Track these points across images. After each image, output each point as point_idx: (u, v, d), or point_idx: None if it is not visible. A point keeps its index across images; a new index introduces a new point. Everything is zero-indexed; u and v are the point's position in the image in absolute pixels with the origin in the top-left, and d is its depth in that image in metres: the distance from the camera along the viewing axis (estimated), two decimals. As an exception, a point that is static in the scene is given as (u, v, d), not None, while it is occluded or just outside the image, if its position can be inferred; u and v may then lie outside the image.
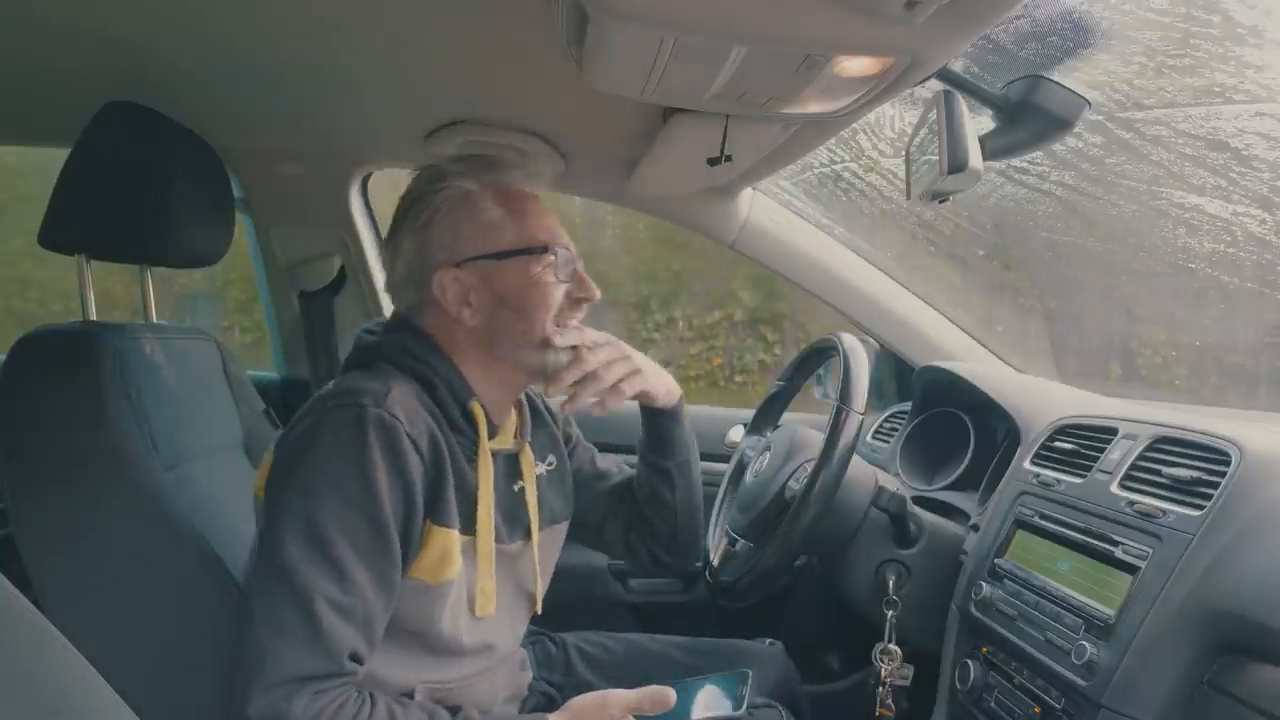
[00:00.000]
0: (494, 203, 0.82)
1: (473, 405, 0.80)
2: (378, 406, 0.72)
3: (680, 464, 0.98)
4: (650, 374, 0.92)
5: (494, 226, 0.82)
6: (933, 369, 1.36)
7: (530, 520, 0.87)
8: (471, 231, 0.81)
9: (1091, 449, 0.92)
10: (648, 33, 0.64)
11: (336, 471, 0.70)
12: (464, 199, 0.82)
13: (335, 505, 0.69)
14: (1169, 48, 0.96)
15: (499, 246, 0.81)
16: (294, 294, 1.58)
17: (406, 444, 0.72)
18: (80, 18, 0.87)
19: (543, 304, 0.81)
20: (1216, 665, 0.67)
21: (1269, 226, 1.14)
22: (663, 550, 1.02)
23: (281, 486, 0.72)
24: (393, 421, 0.72)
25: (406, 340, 0.81)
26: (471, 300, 0.81)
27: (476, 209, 0.82)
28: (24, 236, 2.39)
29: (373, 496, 0.70)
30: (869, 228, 1.55)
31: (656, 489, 0.98)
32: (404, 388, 0.76)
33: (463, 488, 0.78)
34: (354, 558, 0.69)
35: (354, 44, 0.92)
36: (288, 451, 0.73)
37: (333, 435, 0.71)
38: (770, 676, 1.06)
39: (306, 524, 0.69)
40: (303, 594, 0.67)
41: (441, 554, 0.76)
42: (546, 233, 0.83)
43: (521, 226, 0.82)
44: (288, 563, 0.68)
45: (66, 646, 0.40)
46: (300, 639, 0.67)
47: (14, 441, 0.84)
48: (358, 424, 0.71)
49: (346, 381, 0.76)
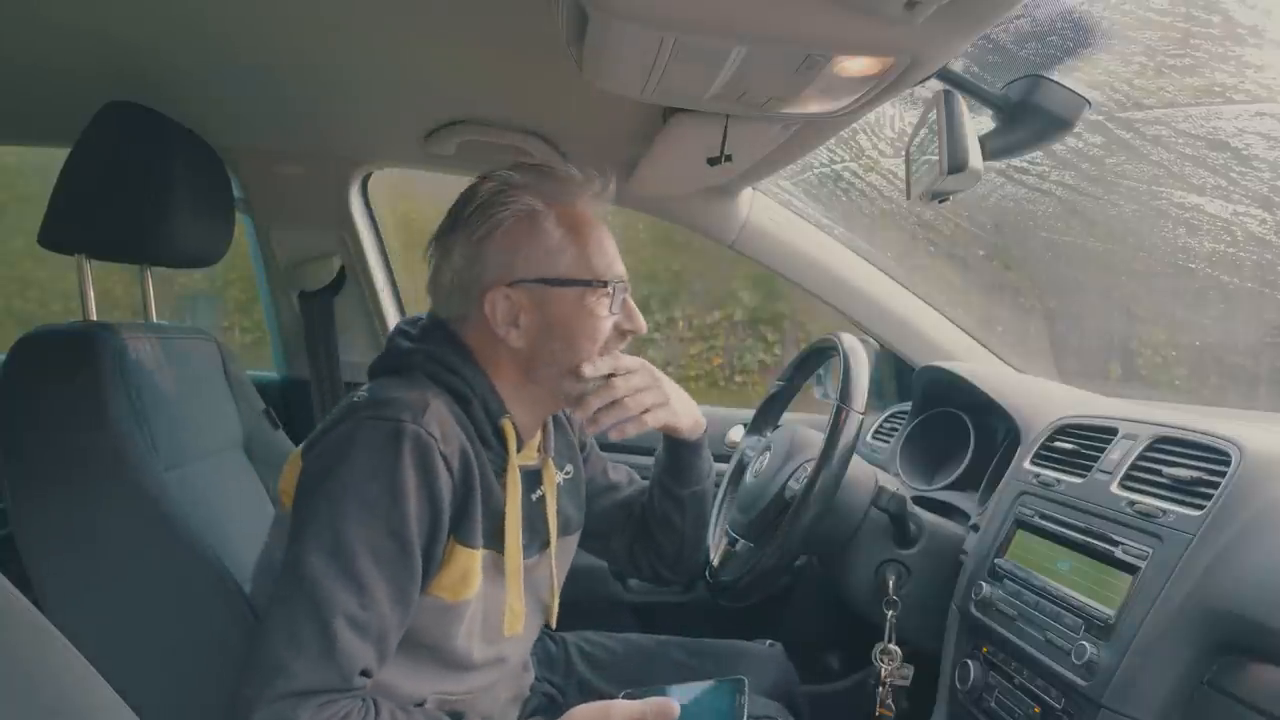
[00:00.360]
0: (556, 224, 0.79)
1: (504, 423, 0.79)
2: (415, 423, 0.70)
3: (695, 493, 0.98)
4: (678, 407, 0.90)
5: (554, 251, 0.79)
6: (933, 369, 1.36)
7: (549, 531, 0.86)
8: (531, 253, 0.78)
9: (1091, 449, 0.92)
10: (648, 32, 0.64)
11: (367, 486, 0.69)
12: (528, 217, 0.79)
13: (363, 520, 0.68)
14: (1169, 48, 0.96)
15: (556, 273, 0.78)
16: (294, 294, 1.58)
17: (439, 463, 0.71)
18: (80, 18, 0.87)
19: (591, 335, 0.79)
20: (1216, 665, 0.67)
21: (1269, 226, 1.14)
22: (666, 568, 1.02)
23: (309, 494, 0.71)
24: (428, 439, 0.70)
25: (445, 353, 0.79)
26: (520, 322, 0.79)
27: (539, 229, 0.79)
28: (24, 236, 2.39)
29: (401, 514, 0.69)
30: (869, 228, 1.55)
31: (668, 513, 0.98)
32: (440, 402, 0.74)
33: (490, 504, 0.77)
34: (376, 574, 0.68)
35: (354, 44, 0.92)
36: (318, 460, 0.72)
37: (366, 449, 0.69)
38: (770, 677, 1.06)
39: (332, 537, 0.68)
40: (322, 608, 0.66)
41: (463, 573, 0.75)
42: (605, 263, 0.80)
43: (582, 254, 0.79)
44: (309, 574, 0.67)
45: (66, 646, 0.40)
46: (314, 653, 0.66)
47: (14, 441, 0.84)
48: (394, 440, 0.69)
49: (382, 391, 0.74)
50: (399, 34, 0.88)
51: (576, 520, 0.95)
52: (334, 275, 1.56)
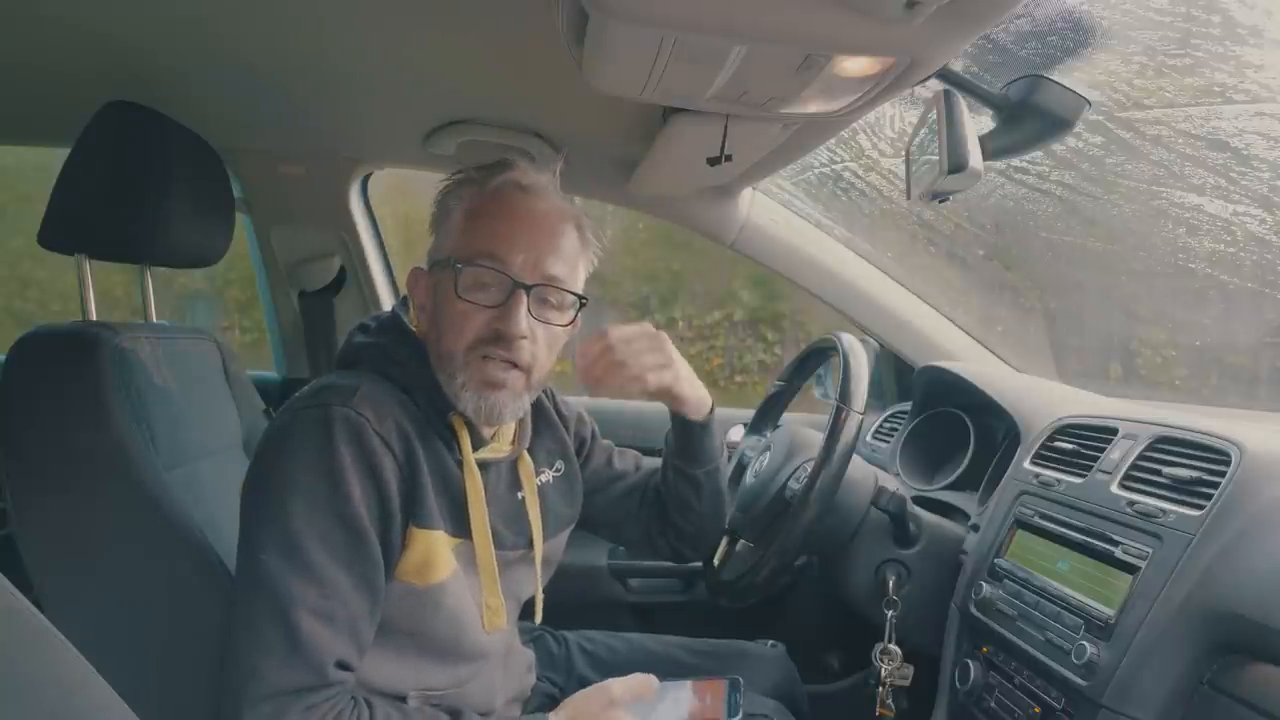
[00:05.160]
0: (462, 206, 0.78)
1: (452, 418, 0.78)
2: (344, 405, 0.70)
3: (709, 471, 0.98)
4: (682, 371, 0.90)
5: (450, 232, 0.78)
6: (933, 369, 1.36)
7: (532, 530, 0.86)
8: (440, 237, 0.80)
9: (1091, 449, 0.92)
10: (647, 32, 0.64)
11: (305, 474, 0.68)
12: (452, 203, 0.79)
13: (307, 509, 0.68)
14: (1169, 48, 0.96)
15: (438, 254, 0.78)
16: (294, 294, 1.58)
17: (375, 442, 0.70)
18: (80, 18, 0.87)
19: (453, 323, 0.75)
20: (1216, 665, 0.67)
21: (1269, 226, 1.14)
22: (687, 547, 1.03)
23: (252, 491, 0.71)
24: (359, 419, 0.70)
25: (392, 345, 0.79)
26: (426, 305, 0.79)
27: (449, 213, 0.79)
28: (24, 236, 2.39)
29: (344, 497, 0.68)
30: (869, 228, 1.55)
31: (684, 495, 0.98)
32: (378, 386, 0.74)
33: (449, 492, 0.77)
34: (330, 562, 0.68)
35: (354, 44, 0.92)
36: (259, 458, 0.73)
37: (300, 438, 0.70)
38: (771, 678, 1.06)
39: (280, 532, 0.68)
40: (280, 604, 0.66)
41: (425, 557, 0.74)
42: (479, 244, 0.75)
43: (465, 235, 0.76)
44: (264, 573, 0.67)
45: (67, 647, 0.40)
46: (280, 651, 0.66)
47: (14, 441, 0.84)
48: (324, 425, 0.69)
49: (320, 381, 0.76)
50: (399, 34, 0.88)
51: (568, 517, 0.95)
52: (334, 275, 1.57)
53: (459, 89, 1.07)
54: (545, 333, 0.77)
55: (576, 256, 0.80)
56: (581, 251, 0.81)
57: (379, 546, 0.71)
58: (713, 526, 1.02)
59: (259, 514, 0.70)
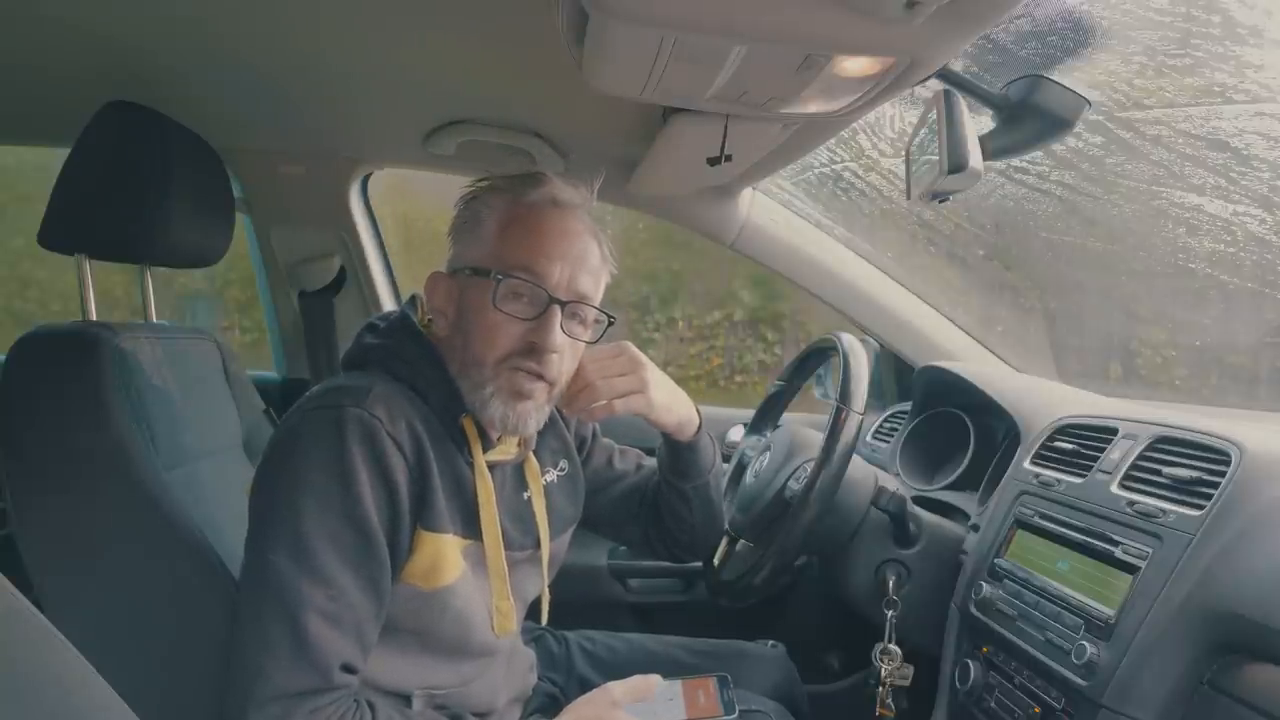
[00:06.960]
0: (495, 215, 0.78)
1: (463, 420, 0.78)
2: (357, 406, 0.70)
3: (698, 487, 0.97)
4: (655, 397, 0.87)
5: (482, 240, 0.77)
6: (933, 369, 1.36)
7: (539, 530, 0.86)
8: (467, 243, 0.79)
9: (1091, 449, 0.92)
10: (647, 32, 0.63)
11: (317, 476, 0.68)
12: (480, 209, 0.79)
13: (318, 511, 0.68)
14: (1169, 48, 0.96)
15: (470, 261, 0.77)
16: (294, 294, 1.58)
17: (388, 444, 0.70)
18: (80, 18, 0.87)
19: (485, 332, 0.75)
20: (1216, 665, 0.67)
21: (1269, 226, 1.14)
22: (682, 551, 1.03)
23: (263, 491, 0.71)
24: (372, 421, 0.69)
25: (403, 346, 0.79)
26: (448, 311, 0.79)
27: (478, 220, 0.78)
28: (24, 236, 2.39)
29: (355, 499, 0.68)
30: (869, 228, 1.55)
31: (675, 506, 0.98)
32: (390, 388, 0.74)
33: (460, 494, 0.77)
34: (339, 563, 0.68)
35: (354, 44, 0.92)
36: (269, 457, 0.72)
37: (312, 438, 0.69)
38: (772, 678, 1.06)
39: (290, 532, 0.67)
40: (288, 606, 0.66)
41: (433, 560, 0.74)
42: (519, 256, 0.75)
43: (500, 245, 0.76)
44: (273, 574, 0.67)
45: (67, 647, 0.40)
46: (286, 654, 0.66)
47: (14, 441, 0.84)
48: (336, 425, 0.69)
49: (332, 382, 0.75)
50: (399, 34, 0.88)
51: (572, 516, 0.95)
52: (334, 275, 1.57)
53: (459, 89, 1.07)
54: (572, 348, 0.79)
55: (600, 273, 0.81)
56: (602, 268, 0.82)
57: (387, 549, 0.71)
58: (706, 535, 1.02)
59: (269, 513, 0.69)
